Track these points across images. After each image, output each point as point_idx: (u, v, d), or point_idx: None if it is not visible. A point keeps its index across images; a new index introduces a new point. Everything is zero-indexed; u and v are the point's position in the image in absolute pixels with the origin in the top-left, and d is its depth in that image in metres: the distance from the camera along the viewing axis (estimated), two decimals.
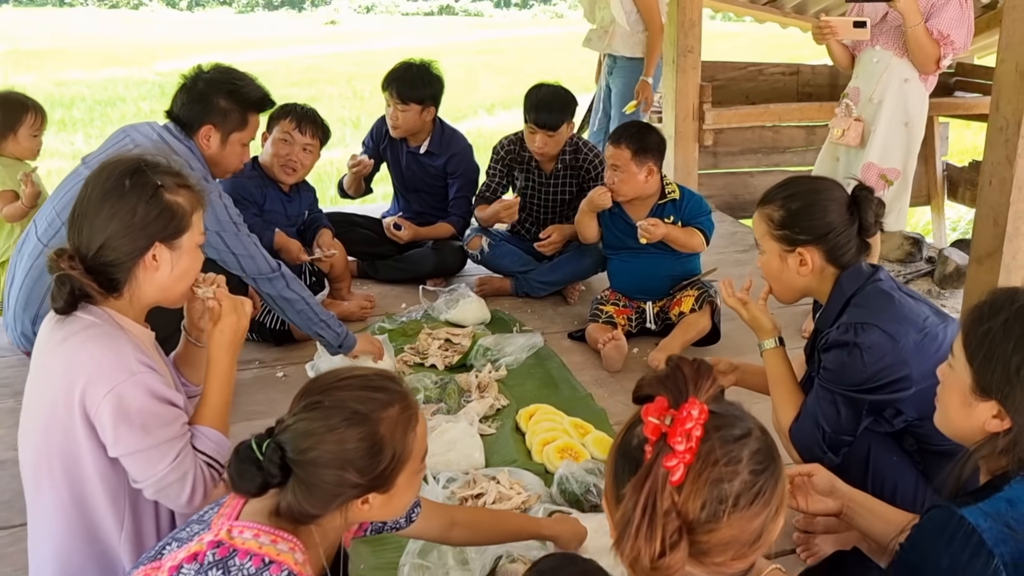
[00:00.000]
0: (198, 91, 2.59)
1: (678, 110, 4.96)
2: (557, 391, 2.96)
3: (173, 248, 1.68)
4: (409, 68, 3.65)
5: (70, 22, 27.49)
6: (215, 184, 2.59)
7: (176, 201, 1.67)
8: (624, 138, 3.18)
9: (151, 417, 1.57)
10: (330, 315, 2.76)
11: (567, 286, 3.75)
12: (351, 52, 20.53)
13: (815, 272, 1.96)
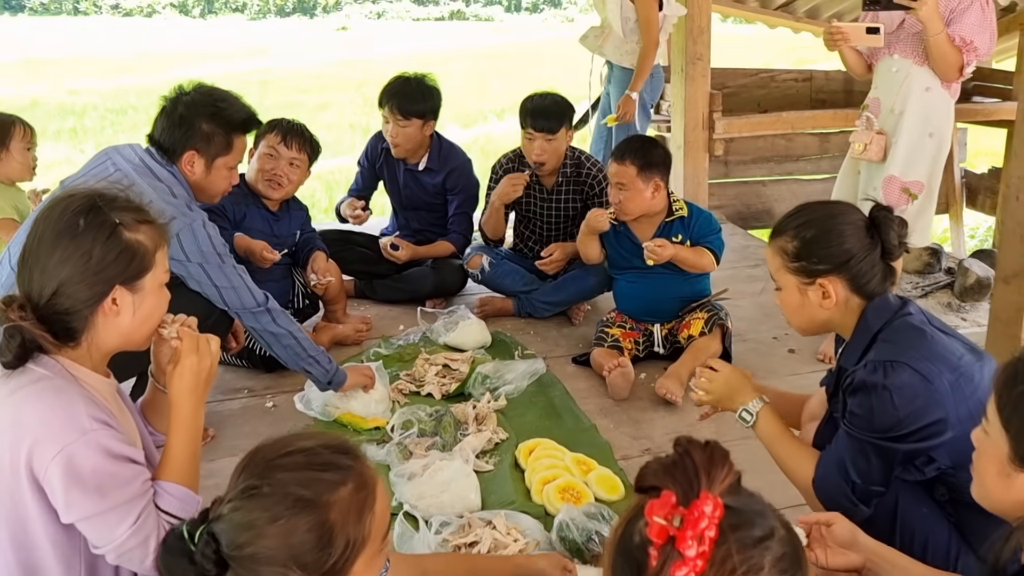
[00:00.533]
0: (179, 115, 2.44)
1: (687, 119, 4.81)
2: (560, 422, 2.82)
3: (135, 290, 1.54)
4: (407, 82, 3.53)
5: (84, 30, 27.61)
6: (199, 213, 2.45)
7: (136, 239, 1.53)
8: (628, 154, 3.04)
9: (107, 478, 1.44)
10: (319, 350, 2.63)
11: (572, 306, 3.60)
12: (362, 58, 20.49)
13: (839, 304, 1.81)
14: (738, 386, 1.96)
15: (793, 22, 6.24)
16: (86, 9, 35.80)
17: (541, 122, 3.37)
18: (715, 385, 1.98)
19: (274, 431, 2.77)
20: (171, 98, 2.49)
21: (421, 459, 2.48)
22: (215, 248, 2.43)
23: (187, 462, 1.62)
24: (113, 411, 1.56)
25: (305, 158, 3.18)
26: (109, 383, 1.60)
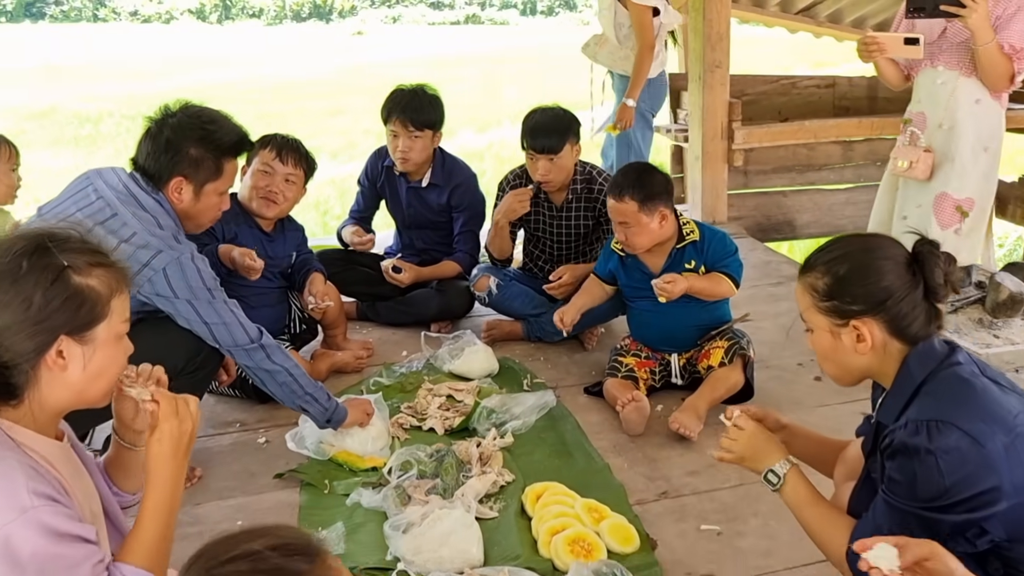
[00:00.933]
0: (165, 139, 2.28)
1: (705, 129, 4.62)
2: (570, 461, 2.63)
3: (84, 342, 1.37)
4: (414, 93, 3.37)
5: (103, 37, 27.71)
6: (187, 245, 2.29)
7: (87, 285, 1.37)
8: (626, 189, 2.82)
9: (50, 561, 1.27)
10: (318, 386, 2.47)
11: (584, 330, 3.41)
12: (377, 63, 20.40)
13: (877, 349, 1.61)
14: (763, 447, 1.77)
15: (815, 27, 6.04)
16: (105, 16, 35.99)
17: (541, 141, 3.19)
18: (737, 446, 1.80)
19: (267, 469, 2.63)
20: (156, 120, 2.33)
21: (420, 506, 2.30)
22: (204, 283, 2.26)
23: (157, 542, 1.45)
24: (65, 478, 1.39)
25: (301, 174, 3.01)
26: (60, 447, 1.43)
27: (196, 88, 16.24)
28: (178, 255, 2.23)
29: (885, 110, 5.37)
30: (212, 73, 18.52)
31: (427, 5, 35.18)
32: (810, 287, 1.65)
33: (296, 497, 2.45)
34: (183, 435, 1.51)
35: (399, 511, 2.29)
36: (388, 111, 3.35)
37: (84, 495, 1.46)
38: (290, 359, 2.42)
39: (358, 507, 2.35)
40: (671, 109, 5.27)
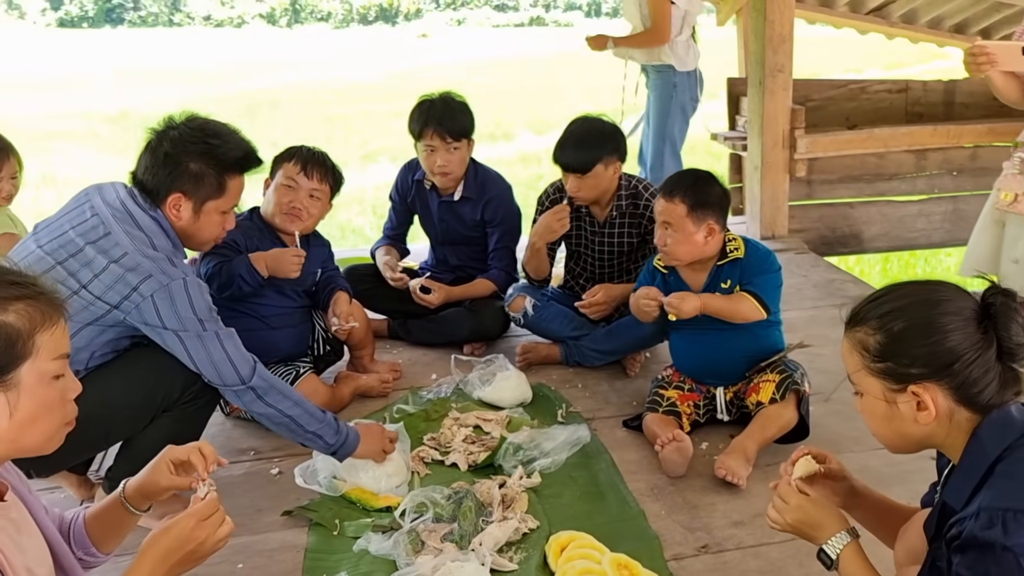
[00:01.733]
0: (163, 153, 2.14)
1: (765, 138, 4.33)
2: (602, 505, 2.40)
3: (7, 387, 1.22)
4: (445, 102, 3.18)
5: (177, 42, 28.39)
6: (181, 269, 2.14)
7: (3, 322, 1.21)
8: (678, 190, 2.61)
9: None
10: (323, 422, 2.28)
11: (626, 355, 3.18)
12: (440, 65, 20.41)
13: (941, 419, 1.36)
14: (818, 516, 1.53)
15: (887, 27, 5.66)
16: (180, 21, 36.96)
17: (569, 158, 2.97)
18: (789, 514, 1.55)
19: (276, 504, 2.47)
20: (157, 132, 2.19)
21: (432, 555, 2.11)
22: (195, 313, 2.11)
23: None
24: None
25: (327, 189, 2.84)
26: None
27: (264, 91, 16.46)
28: (168, 281, 2.08)
29: (962, 116, 5.00)
30: (280, 76, 18.76)
31: (492, 7, 35.20)
32: (859, 345, 1.41)
33: (304, 538, 2.28)
34: (191, 542, 1.38)
35: (409, 560, 2.10)
36: (421, 125, 3.17)
37: (25, 555, 1.31)
38: (288, 398, 2.25)
39: (366, 554, 2.17)
40: (729, 116, 4.99)
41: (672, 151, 4.41)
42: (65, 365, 1.29)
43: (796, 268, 4.22)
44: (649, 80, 4.50)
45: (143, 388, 2.15)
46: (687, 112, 4.38)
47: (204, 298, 2.15)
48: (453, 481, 2.46)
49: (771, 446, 2.59)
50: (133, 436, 2.22)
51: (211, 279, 2.71)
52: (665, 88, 4.35)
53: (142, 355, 2.18)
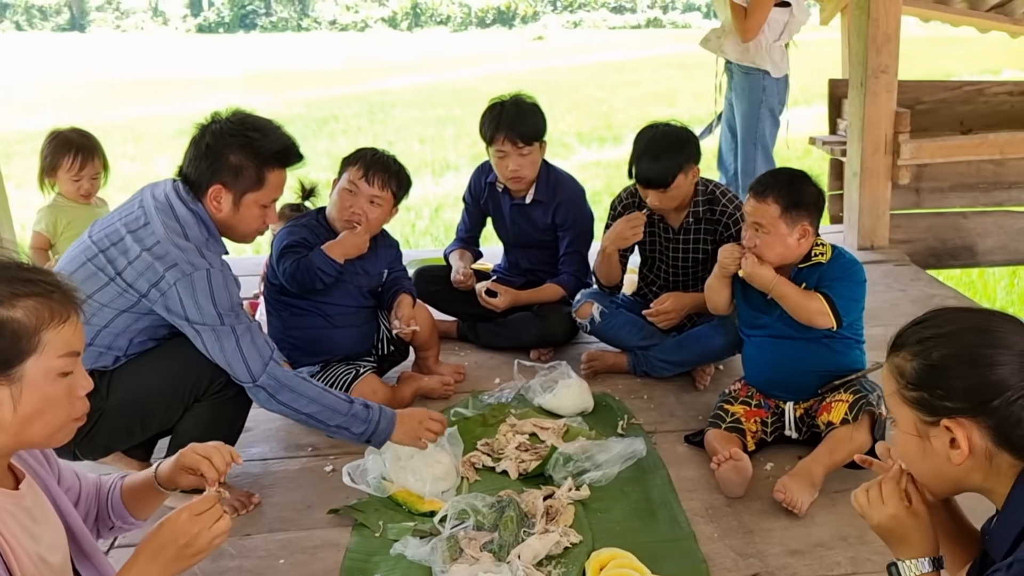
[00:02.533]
0: (205, 145, 2.20)
1: (866, 142, 4.10)
2: (651, 524, 2.31)
3: (10, 380, 1.24)
4: (516, 106, 3.14)
5: (304, 46, 29.49)
6: (210, 260, 2.18)
7: (9, 317, 1.23)
8: (772, 190, 2.48)
9: None
10: (347, 416, 2.28)
11: (696, 368, 3.06)
12: (553, 67, 20.42)
13: (978, 460, 1.23)
14: (909, 532, 1.37)
15: (1010, 25, 5.25)
16: (308, 26, 38.37)
17: (650, 173, 2.85)
18: (878, 516, 1.39)
19: (326, 501, 2.48)
20: (202, 126, 2.25)
21: (468, 564, 2.07)
22: (215, 306, 2.15)
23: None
24: (4, 530, 1.26)
25: (389, 196, 2.82)
26: (10, 496, 1.30)
27: (383, 92, 16.89)
28: (192, 271, 2.13)
29: None
30: (400, 78, 19.19)
31: (608, 9, 34.96)
32: (896, 370, 1.29)
33: (347, 537, 2.28)
34: (184, 535, 1.37)
35: (444, 568, 2.07)
36: (492, 130, 3.13)
37: (39, 543, 1.34)
38: (304, 397, 2.25)
39: (402, 558, 2.15)
40: (829, 119, 4.76)
41: (764, 155, 4.25)
42: (75, 362, 1.31)
43: (894, 281, 3.97)
44: (733, 81, 4.35)
45: (173, 377, 2.22)
46: (776, 115, 4.22)
47: (228, 291, 2.18)
48: (502, 489, 2.42)
49: (841, 471, 2.42)
50: (174, 426, 2.28)
51: (292, 279, 2.75)
52: (753, 91, 4.21)
53: (173, 345, 2.25)
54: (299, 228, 2.87)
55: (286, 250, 2.81)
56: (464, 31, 35.29)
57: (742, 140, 4.27)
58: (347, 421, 2.28)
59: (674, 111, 12.85)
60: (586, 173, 8.64)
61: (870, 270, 4.00)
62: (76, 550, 1.50)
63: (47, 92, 17.14)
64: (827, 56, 6.19)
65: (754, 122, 4.22)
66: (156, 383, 2.21)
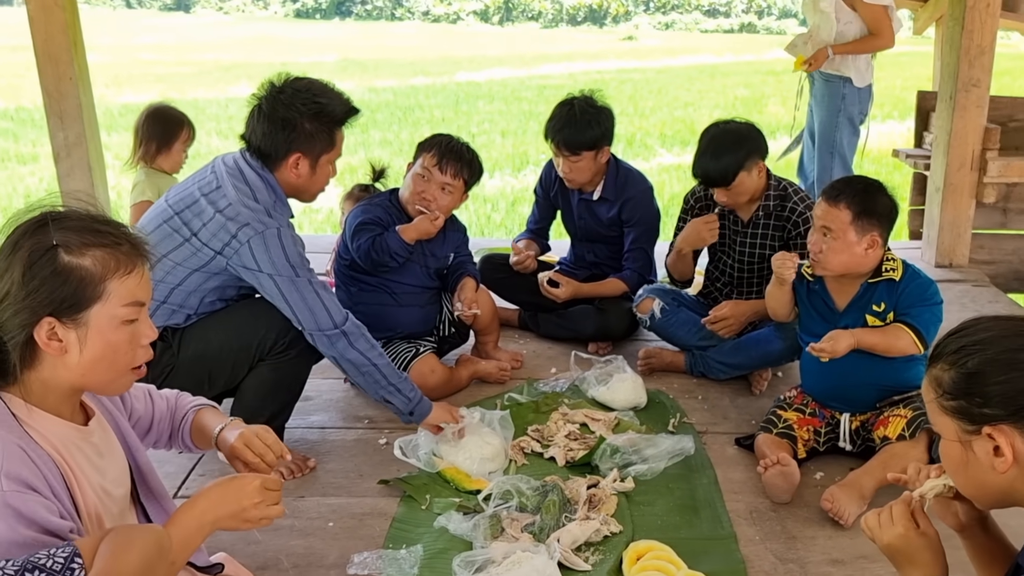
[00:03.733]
0: (280, 117, 2.31)
1: (951, 157, 3.98)
2: (694, 520, 2.32)
3: (76, 325, 1.32)
4: (571, 113, 3.12)
5: (397, 35, 29.95)
6: (278, 220, 2.30)
7: (78, 265, 1.31)
8: (844, 196, 2.45)
9: (18, 549, 1.24)
10: (403, 378, 2.42)
11: (754, 372, 3.04)
12: (641, 67, 20.27)
13: (1022, 467, 1.21)
14: (916, 553, 1.40)
15: None
16: (401, 15, 38.95)
17: (710, 171, 2.85)
18: (886, 538, 1.41)
19: (377, 471, 2.56)
20: (265, 98, 2.36)
21: (508, 543, 2.12)
22: (288, 259, 2.26)
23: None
24: (70, 463, 1.36)
25: (460, 184, 2.89)
26: (75, 430, 1.40)
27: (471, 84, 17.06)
28: (264, 229, 2.25)
29: None
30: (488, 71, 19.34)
31: (702, 12, 34.45)
32: (935, 381, 1.28)
33: (394, 507, 2.36)
34: (247, 500, 1.45)
35: (485, 544, 2.12)
36: (547, 132, 3.18)
37: (104, 476, 1.44)
38: (375, 348, 2.37)
39: (445, 531, 2.21)
40: (916, 132, 4.63)
41: (842, 164, 4.18)
42: (139, 311, 1.39)
43: (971, 302, 3.85)
44: (813, 89, 4.28)
45: (239, 334, 2.34)
46: (855, 123, 4.15)
47: (296, 249, 2.30)
48: (547, 474, 2.46)
49: (892, 487, 2.34)
50: (239, 383, 2.39)
51: (366, 256, 2.83)
52: (832, 99, 4.16)
53: (241, 306, 2.38)
54: (373, 207, 2.96)
55: (361, 227, 2.90)
56: (555, 27, 35.26)
57: (818, 147, 4.22)
58: (403, 384, 2.40)
59: (760, 118, 12.65)
60: (666, 176, 8.57)
61: (946, 289, 3.90)
62: (144, 489, 1.61)
63: (150, 68, 17.87)
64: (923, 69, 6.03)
65: (831, 130, 4.16)
66: (224, 341, 2.33)
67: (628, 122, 13.04)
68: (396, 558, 2.09)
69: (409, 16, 38.75)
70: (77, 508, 1.36)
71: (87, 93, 4.04)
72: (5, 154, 9.35)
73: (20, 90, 14.12)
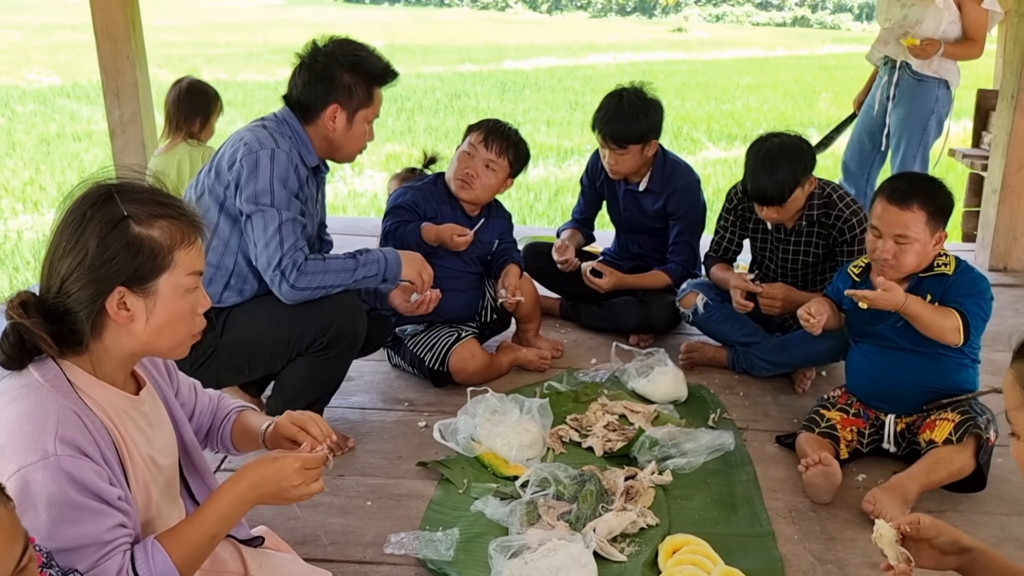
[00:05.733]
0: (319, 68, 2.34)
1: (1010, 158, 3.89)
2: (731, 516, 2.30)
3: (146, 294, 1.35)
4: (620, 105, 3.10)
5: (444, 20, 30.01)
6: (281, 145, 2.30)
7: (146, 235, 1.34)
8: (916, 197, 2.36)
9: (68, 510, 1.27)
10: (361, 263, 2.37)
11: (797, 370, 3.00)
12: (689, 60, 20.07)
13: None
14: None
15: None
16: (449, 2, 39.00)
17: (766, 190, 2.76)
18: None
19: (416, 454, 2.58)
20: (308, 52, 2.39)
21: (544, 530, 2.12)
22: (271, 183, 2.25)
23: (198, 541, 1.41)
24: (122, 430, 1.39)
25: (505, 164, 2.90)
26: (127, 399, 1.43)
27: (517, 72, 17.03)
28: (258, 148, 2.27)
29: None
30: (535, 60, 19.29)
31: (754, 5, 33.96)
32: (1020, 379, 1.24)
33: (432, 490, 2.38)
34: (286, 480, 1.46)
35: (521, 530, 2.13)
36: (594, 123, 3.16)
37: (152, 446, 1.47)
38: (326, 268, 2.30)
39: (481, 516, 2.22)
40: (974, 131, 4.52)
41: (923, 168, 4.04)
42: (197, 281, 1.43)
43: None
44: (899, 88, 4.09)
45: (279, 327, 2.33)
46: (943, 126, 4.02)
47: (286, 175, 2.28)
48: (585, 464, 2.46)
49: (936, 492, 2.35)
50: (279, 372, 2.42)
51: (385, 239, 2.87)
52: (927, 100, 4.02)
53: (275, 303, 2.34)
54: (413, 190, 2.97)
55: (392, 211, 2.95)
56: (603, 17, 35.07)
57: (905, 150, 4.03)
58: (365, 269, 2.37)
59: (811, 114, 12.46)
60: (712, 170, 8.48)
61: (999, 293, 3.81)
62: (187, 463, 1.64)
63: (200, 50, 18.10)
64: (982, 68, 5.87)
65: (920, 132, 4.00)
66: (264, 330, 2.33)
67: (675, 115, 12.93)
68: (432, 540, 2.11)
69: (458, 3, 38.79)
70: (127, 476, 1.39)
71: (143, 72, 4.11)
72: (61, 131, 9.55)
73: (77, 67, 14.42)
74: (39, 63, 15.27)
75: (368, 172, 7.96)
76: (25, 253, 5.37)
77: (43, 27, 21.32)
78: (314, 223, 2.52)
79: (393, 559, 2.08)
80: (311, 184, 2.44)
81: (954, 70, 4.04)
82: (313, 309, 2.31)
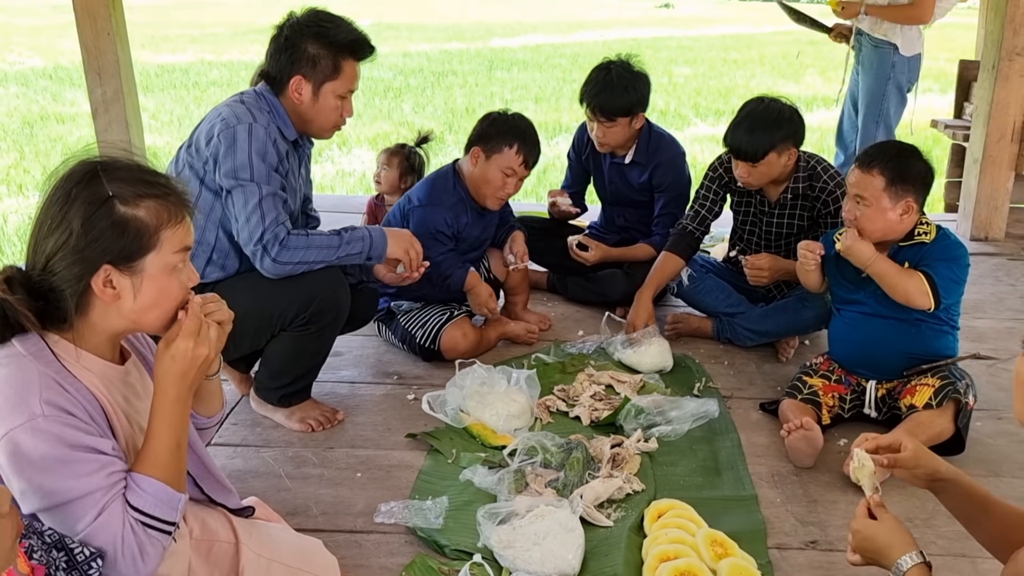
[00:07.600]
0: (284, 38, 2.33)
1: (991, 128, 3.92)
2: (716, 481, 2.34)
3: (132, 272, 1.37)
4: (608, 78, 3.12)
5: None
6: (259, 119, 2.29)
7: (132, 215, 1.35)
8: (878, 162, 2.42)
9: (61, 465, 1.29)
10: (345, 240, 2.36)
11: (781, 339, 3.04)
12: (678, 36, 20.01)
13: None
14: (883, 543, 1.49)
15: None
16: None
17: (741, 143, 2.78)
18: (855, 544, 1.54)
19: (404, 426, 2.61)
20: (279, 25, 2.38)
21: (531, 497, 2.16)
22: (250, 157, 2.24)
23: (167, 454, 1.40)
24: (107, 399, 1.41)
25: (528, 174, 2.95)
26: (113, 368, 1.45)
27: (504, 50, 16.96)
28: (236, 123, 2.26)
29: None
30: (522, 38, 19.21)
31: None
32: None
33: (421, 460, 2.41)
34: (196, 359, 1.42)
35: (509, 497, 2.16)
36: (582, 96, 3.17)
37: (139, 416, 1.49)
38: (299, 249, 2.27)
39: (470, 484, 2.25)
40: (956, 102, 4.55)
41: (887, 133, 4.10)
42: (185, 258, 1.44)
43: (1005, 275, 3.81)
44: (862, 54, 4.17)
45: (265, 303, 2.31)
46: (903, 92, 4.05)
47: (264, 148, 2.26)
48: (572, 433, 2.50)
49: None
50: (263, 348, 2.44)
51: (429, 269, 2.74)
52: (882, 65, 4.05)
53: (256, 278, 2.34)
54: (442, 210, 2.89)
55: (436, 237, 2.87)
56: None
57: (864, 115, 4.13)
58: (345, 248, 2.36)
59: (798, 88, 12.47)
60: (700, 146, 8.49)
61: (980, 261, 3.88)
62: None
63: (185, 30, 17.94)
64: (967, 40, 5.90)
65: (879, 98, 4.06)
66: (247, 306, 2.29)
67: (664, 91, 12.92)
68: (422, 508, 2.14)
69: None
70: (116, 438, 1.41)
71: (124, 49, 4.08)
72: (44, 113, 9.48)
73: (58, 49, 14.29)
74: (20, 44, 15.12)
75: (356, 151, 7.94)
76: (12, 236, 5.36)
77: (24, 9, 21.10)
78: (296, 198, 2.51)
79: (383, 528, 2.11)
80: (291, 158, 2.43)
81: (906, 35, 4.02)
82: (296, 284, 2.31)
